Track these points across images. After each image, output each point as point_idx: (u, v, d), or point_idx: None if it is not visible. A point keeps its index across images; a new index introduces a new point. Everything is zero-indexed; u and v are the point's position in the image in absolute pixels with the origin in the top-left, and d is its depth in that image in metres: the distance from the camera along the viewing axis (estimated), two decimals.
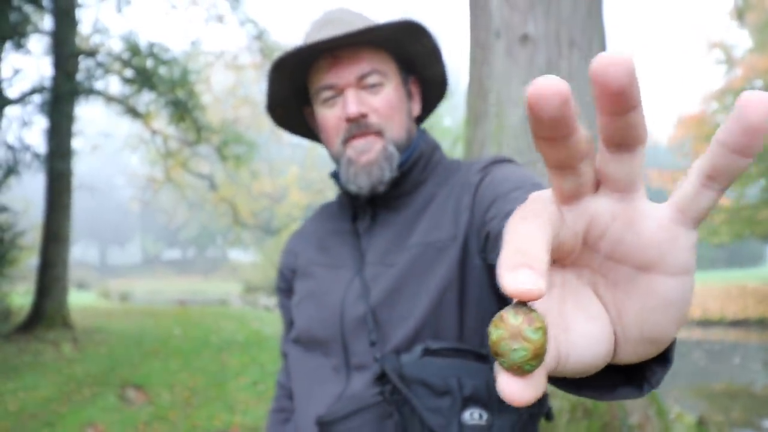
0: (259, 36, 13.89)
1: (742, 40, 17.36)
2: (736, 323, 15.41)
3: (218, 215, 21.38)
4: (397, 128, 0.95)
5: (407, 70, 1.01)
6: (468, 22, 3.45)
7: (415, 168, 0.97)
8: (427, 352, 0.83)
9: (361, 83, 0.93)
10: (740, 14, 10.58)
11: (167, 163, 15.20)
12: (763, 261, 42.17)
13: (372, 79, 0.93)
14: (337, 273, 0.98)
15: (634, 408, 2.80)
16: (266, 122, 17.57)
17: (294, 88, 1.01)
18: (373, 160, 0.92)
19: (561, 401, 2.71)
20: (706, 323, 15.73)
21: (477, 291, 0.87)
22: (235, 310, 15.52)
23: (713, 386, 9.07)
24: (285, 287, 1.14)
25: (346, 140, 0.94)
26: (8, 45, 8.84)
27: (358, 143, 0.92)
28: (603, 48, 3.21)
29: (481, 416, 0.78)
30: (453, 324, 0.86)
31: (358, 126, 0.92)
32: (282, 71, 0.95)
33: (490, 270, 0.83)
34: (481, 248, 0.85)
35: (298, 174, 24.07)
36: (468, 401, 0.78)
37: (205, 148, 13.68)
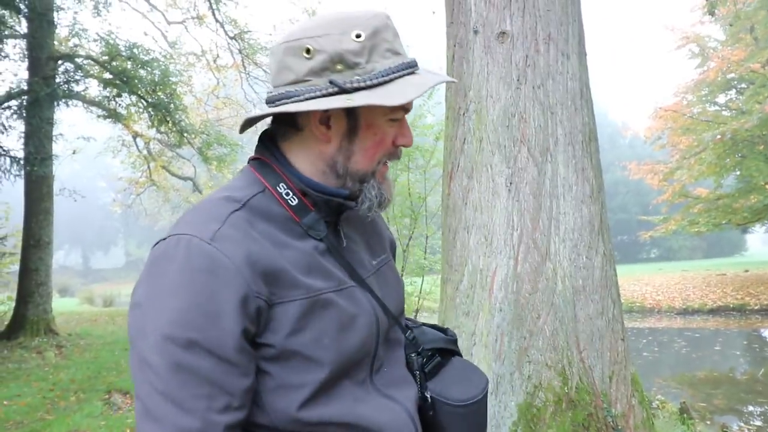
0: (240, 36, 13.82)
1: (714, 33, 17.62)
2: (716, 311, 15.63)
3: None
4: None
5: None
6: (445, 20, 3.48)
7: None
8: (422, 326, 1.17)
9: None
10: (712, 8, 10.76)
11: (149, 166, 15.07)
12: (742, 250, 42.86)
13: None
14: (349, 294, 0.93)
15: (617, 398, 2.85)
16: None
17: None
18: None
19: (546, 393, 2.75)
20: (686, 312, 15.95)
21: None
22: None
23: (696, 374, 9.21)
24: (255, 329, 0.81)
25: (384, 162, 0.97)
26: None
27: (386, 168, 0.99)
28: (580, 42, 3.26)
29: None
30: None
31: (397, 153, 0.98)
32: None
33: None
34: None
35: None
36: None
37: (188, 150, 13.59)
